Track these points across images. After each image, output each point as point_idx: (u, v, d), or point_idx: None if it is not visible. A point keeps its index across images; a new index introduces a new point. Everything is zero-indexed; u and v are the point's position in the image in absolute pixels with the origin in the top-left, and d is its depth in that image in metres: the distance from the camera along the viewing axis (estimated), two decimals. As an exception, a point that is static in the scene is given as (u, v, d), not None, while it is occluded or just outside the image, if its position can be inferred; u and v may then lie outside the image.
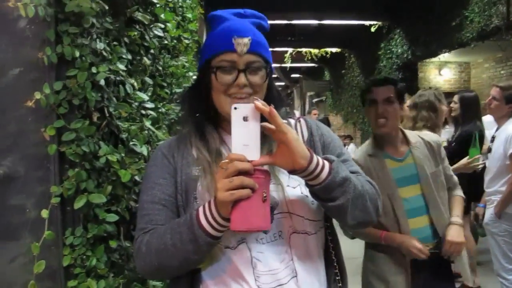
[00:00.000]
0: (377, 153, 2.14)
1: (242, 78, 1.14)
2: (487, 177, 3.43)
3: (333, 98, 14.73)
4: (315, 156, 1.06)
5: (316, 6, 8.91)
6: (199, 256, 1.08)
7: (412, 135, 2.21)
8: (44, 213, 1.42)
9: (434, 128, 3.26)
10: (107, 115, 1.60)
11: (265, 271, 1.10)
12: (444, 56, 8.70)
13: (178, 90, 2.57)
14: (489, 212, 3.32)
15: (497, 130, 3.43)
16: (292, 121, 1.31)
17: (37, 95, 1.38)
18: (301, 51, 12.28)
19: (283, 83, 20.91)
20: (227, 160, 0.99)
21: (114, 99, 1.67)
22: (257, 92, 1.16)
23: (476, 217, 3.92)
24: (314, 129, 1.30)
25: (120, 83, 1.71)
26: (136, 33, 1.82)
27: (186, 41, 2.75)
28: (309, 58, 12.40)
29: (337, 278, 1.23)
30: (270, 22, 1.31)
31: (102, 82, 1.54)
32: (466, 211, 4.26)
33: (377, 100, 2.06)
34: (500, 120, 3.38)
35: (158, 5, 2.10)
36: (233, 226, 0.98)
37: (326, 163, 1.08)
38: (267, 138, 1.14)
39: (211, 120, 1.24)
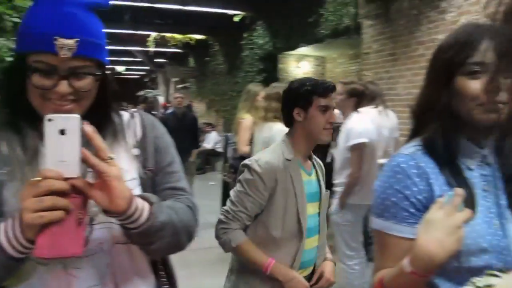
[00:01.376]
0: (294, 160, 1.87)
1: (63, 86, 0.94)
2: (335, 169, 3.60)
3: (197, 85, 14.69)
4: (135, 198, 0.94)
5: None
6: None
7: None
8: None
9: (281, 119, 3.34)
10: None
11: None
12: (303, 50, 9.10)
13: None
14: (335, 203, 3.48)
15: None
16: (126, 114, 1.17)
17: None
18: (165, 36, 11.96)
19: (147, 67, 20.31)
20: (38, 178, 0.83)
21: None
22: (83, 98, 0.99)
23: None
24: (149, 129, 1.17)
25: None
26: None
27: (15, 20, 2.38)
28: (174, 43, 12.13)
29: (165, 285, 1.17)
30: (132, 3, 1.09)
31: None
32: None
33: (331, 107, 1.87)
34: (346, 114, 3.57)
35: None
36: (38, 252, 0.84)
37: (146, 206, 0.97)
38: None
39: (27, 116, 1.02)
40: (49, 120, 0.84)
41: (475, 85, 1.00)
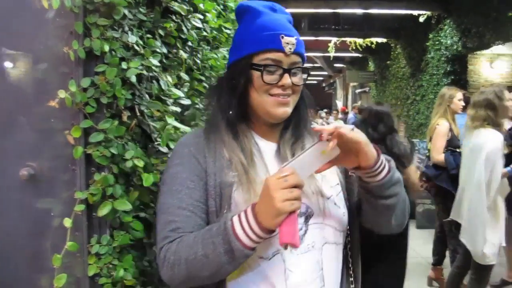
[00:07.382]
0: None
1: (287, 79, 1.10)
2: None
3: (377, 89, 14.30)
4: (381, 155, 1.06)
5: (363, -5, 8.64)
6: (233, 267, 1.02)
7: None
8: (67, 222, 1.31)
9: (494, 127, 3.13)
10: (138, 114, 1.48)
11: (297, 282, 1.07)
12: (497, 48, 8.25)
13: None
14: None
15: None
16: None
17: (61, 94, 1.27)
18: (345, 41, 11.94)
19: (326, 73, 20.57)
20: (286, 173, 0.96)
21: (147, 96, 1.54)
22: (296, 92, 1.15)
23: None
24: None
25: (153, 79, 1.59)
26: (172, 24, 1.68)
27: (228, 31, 2.60)
28: (354, 48, 12.03)
29: (351, 286, 1.23)
30: (314, 10, 1.25)
31: (133, 79, 1.42)
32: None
33: None
34: None
35: (197, -6, 1.95)
36: (284, 239, 0.94)
37: (386, 163, 1.08)
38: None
39: (243, 118, 1.19)
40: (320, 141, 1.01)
41: None
